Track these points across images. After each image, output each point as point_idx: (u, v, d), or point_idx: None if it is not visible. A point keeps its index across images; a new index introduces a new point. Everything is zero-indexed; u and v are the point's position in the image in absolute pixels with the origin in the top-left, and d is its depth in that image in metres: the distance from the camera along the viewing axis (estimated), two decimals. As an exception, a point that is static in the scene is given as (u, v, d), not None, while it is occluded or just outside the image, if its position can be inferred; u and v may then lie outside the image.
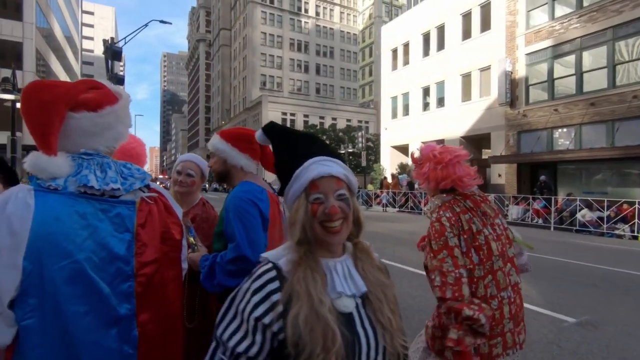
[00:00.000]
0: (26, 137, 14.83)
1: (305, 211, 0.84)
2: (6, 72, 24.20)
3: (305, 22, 55.48)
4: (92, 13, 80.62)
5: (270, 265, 0.83)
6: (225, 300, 0.85)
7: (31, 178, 0.94)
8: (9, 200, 0.88)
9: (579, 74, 14.41)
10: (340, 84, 58.12)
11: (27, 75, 25.18)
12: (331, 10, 58.26)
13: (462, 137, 19.50)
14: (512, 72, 16.52)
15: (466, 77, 19.47)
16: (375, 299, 0.84)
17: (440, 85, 21.03)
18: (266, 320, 0.76)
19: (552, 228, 12.14)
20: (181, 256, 1.14)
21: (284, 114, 46.84)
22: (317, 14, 56.73)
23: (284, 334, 0.74)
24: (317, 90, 55.85)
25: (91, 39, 79.15)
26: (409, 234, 10.20)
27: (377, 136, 34.84)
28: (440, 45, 21.06)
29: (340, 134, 37.26)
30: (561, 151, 14.61)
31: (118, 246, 0.97)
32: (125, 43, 16.40)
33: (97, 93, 1.02)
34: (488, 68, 18.11)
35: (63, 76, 36.16)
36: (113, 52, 12.21)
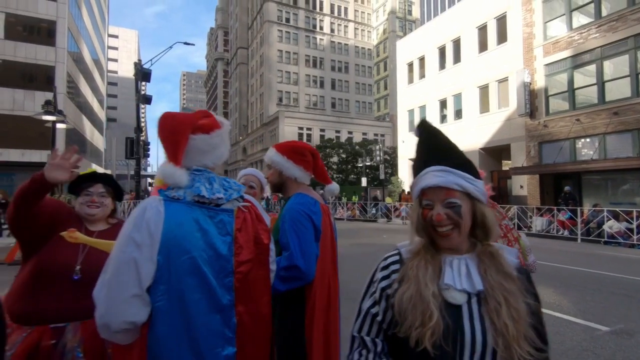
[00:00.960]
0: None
1: (418, 214, 0.97)
2: (39, 95, 25.73)
3: (320, 38, 56.69)
4: (116, 36, 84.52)
5: (396, 251, 1.04)
6: (275, 301, 1.04)
7: (160, 191, 1.18)
8: (146, 208, 1.12)
9: (601, 84, 14.29)
10: (356, 98, 58.71)
11: (59, 97, 26.58)
12: (345, 26, 59.41)
13: (481, 148, 19.41)
14: (530, 83, 16.50)
15: (484, 89, 19.50)
16: (493, 301, 0.86)
17: (458, 97, 21.10)
18: (389, 291, 0.96)
19: (579, 240, 11.88)
20: (269, 258, 1.32)
21: (301, 128, 47.56)
22: (332, 30, 57.92)
23: (387, 305, 0.94)
24: (333, 105, 56.54)
25: (115, 60, 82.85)
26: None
27: (394, 149, 34.88)
28: (457, 58, 21.22)
29: (357, 147, 37.45)
30: (585, 161, 14.38)
31: (222, 247, 1.18)
32: (152, 64, 17.22)
33: (209, 120, 1.27)
34: (506, 79, 18.13)
35: (90, 97, 37.93)
36: (143, 73, 12.90)
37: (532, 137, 16.57)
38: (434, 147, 1.02)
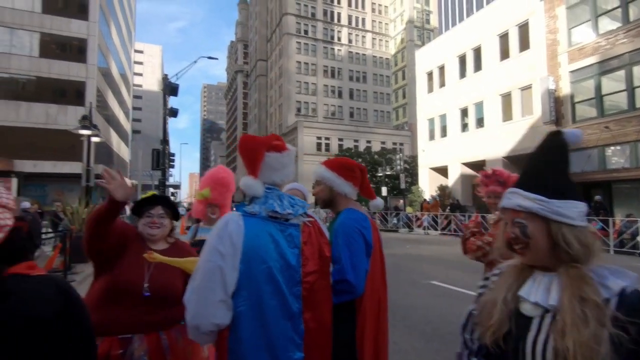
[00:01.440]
0: (100, 169, 16.34)
1: (501, 232, 1.01)
2: (71, 109, 26.98)
3: (338, 49, 57.30)
4: (141, 52, 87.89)
5: (505, 265, 1.05)
6: None
7: (238, 207, 1.30)
8: (228, 222, 1.24)
9: (631, 89, 13.86)
10: (374, 107, 58.77)
11: (88, 111, 27.79)
12: (363, 37, 59.87)
13: (504, 157, 19.04)
14: (555, 90, 16.16)
15: (506, 97, 19.21)
16: (561, 321, 0.85)
17: (479, 105, 20.85)
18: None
19: (611, 251, 11.42)
20: (330, 270, 1.42)
21: (319, 138, 47.87)
22: (350, 41, 58.48)
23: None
24: (351, 114, 56.75)
25: (140, 74, 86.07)
26: (459, 257, 10.03)
27: (413, 158, 34.60)
28: (477, 67, 21.03)
29: (376, 156, 37.37)
30: (616, 170, 13.90)
31: (291, 258, 1.28)
32: (177, 79, 17.82)
33: (280, 142, 1.42)
34: (529, 87, 17.82)
35: (117, 110, 39.45)
36: (170, 88, 13.41)
37: (559, 145, 16.14)
38: (529, 168, 1.03)
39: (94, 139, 10.72)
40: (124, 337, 1.60)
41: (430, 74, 24.91)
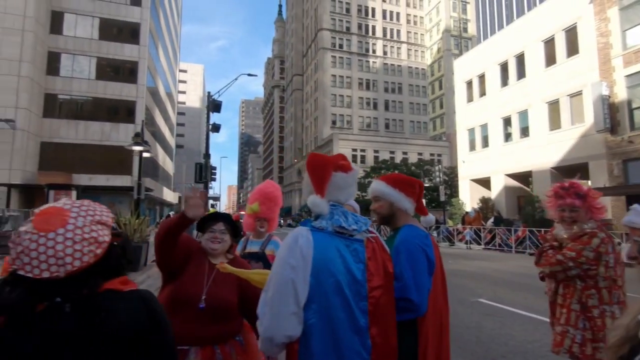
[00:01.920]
0: (147, 182, 17.46)
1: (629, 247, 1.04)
2: (123, 126, 29.01)
3: (373, 61, 57.46)
4: (185, 71, 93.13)
5: None
6: None
7: (304, 223, 1.34)
8: (298, 236, 1.28)
9: (698, 93, 12.70)
10: (410, 118, 58.01)
11: (137, 128, 29.76)
12: (398, 48, 59.68)
13: (552, 168, 17.99)
14: (610, 96, 15.14)
15: (553, 105, 18.25)
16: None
17: (523, 114, 19.95)
18: None
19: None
20: (393, 285, 1.42)
21: (354, 150, 47.86)
22: (385, 53, 58.49)
23: None
24: (387, 126, 56.34)
25: (183, 92, 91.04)
26: (506, 274, 9.52)
27: (452, 169, 33.57)
28: (521, 74, 20.22)
29: (413, 168, 36.65)
30: (684, 181, 12.68)
31: (357, 272, 1.29)
32: (220, 95, 18.63)
33: (346, 162, 1.45)
34: (579, 93, 16.83)
35: (162, 125, 41.85)
36: (214, 104, 14.08)
37: (615, 155, 15.03)
38: None
39: (146, 155, 11.43)
40: (182, 349, 1.63)
41: (469, 83, 24.26)
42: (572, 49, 17.33)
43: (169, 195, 46.74)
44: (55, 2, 28.28)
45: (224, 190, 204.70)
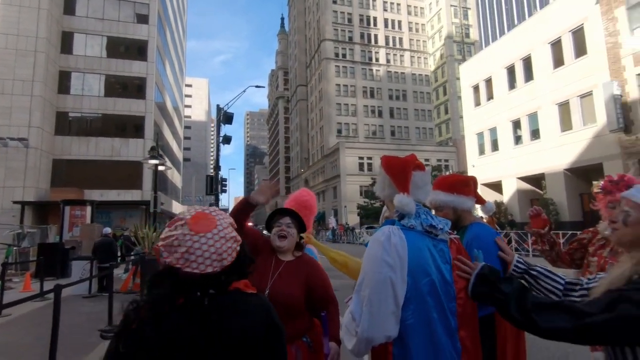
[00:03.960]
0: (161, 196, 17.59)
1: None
2: (132, 142, 29.38)
3: (376, 70, 57.84)
4: (190, 85, 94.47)
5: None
6: None
7: (388, 222, 1.32)
8: (390, 234, 1.24)
9: None
10: (415, 125, 58.03)
11: (147, 143, 30.11)
12: (401, 55, 60.07)
13: (566, 169, 17.80)
14: (622, 95, 15.03)
15: (564, 106, 18.15)
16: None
17: (533, 116, 19.85)
18: None
19: None
20: None
21: (361, 158, 47.86)
22: (388, 61, 58.88)
23: None
24: (392, 133, 56.39)
25: (189, 106, 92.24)
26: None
27: (461, 174, 33.35)
28: (528, 77, 20.18)
29: (421, 174, 36.52)
30: None
31: (446, 273, 1.27)
32: (228, 108, 18.82)
33: (420, 162, 1.42)
34: (589, 94, 16.73)
35: (170, 139, 42.32)
36: (226, 117, 14.23)
37: (631, 154, 14.84)
38: None
39: (161, 168, 11.54)
40: None
41: (476, 88, 24.26)
42: (580, 49, 17.29)
43: (178, 208, 47.00)
44: (66, 23, 29.00)
45: (230, 202, 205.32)
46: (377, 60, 58.30)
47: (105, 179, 28.00)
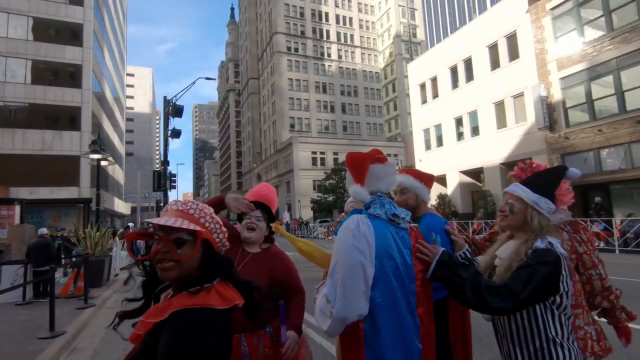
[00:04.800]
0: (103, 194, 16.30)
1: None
2: (67, 134, 26.94)
3: (328, 65, 58.33)
4: (132, 75, 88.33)
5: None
6: None
7: (355, 211, 1.42)
8: (358, 222, 1.35)
9: (620, 94, 14.37)
10: (366, 120, 59.55)
11: (84, 136, 27.80)
12: (352, 52, 61.13)
13: (501, 164, 19.41)
14: (547, 97, 16.68)
15: (499, 105, 19.73)
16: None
17: (473, 114, 21.35)
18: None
19: (617, 251, 11.65)
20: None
21: (314, 153, 48.22)
22: (340, 56, 59.64)
23: None
24: (344, 128, 57.38)
25: (131, 97, 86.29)
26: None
27: (409, 168, 34.94)
28: (469, 77, 21.63)
29: (372, 168, 37.65)
30: (612, 171, 14.28)
31: (407, 257, 1.40)
32: (177, 100, 17.99)
33: (382, 155, 1.54)
34: (521, 94, 18.35)
35: (111, 132, 39.41)
36: (175, 109, 13.56)
37: (554, 150, 16.57)
38: (534, 175, 1.68)
39: (103, 163, 10.76)
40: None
41: (423, 86, 25.50)
42: (514, 53, 18.87)
43: (121, 206, 44.04)
44: (-17, -1, 25.72)
45: (178, 198, 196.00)
46: (329, 55, 58.81)
47: (35, 176, 25.44)
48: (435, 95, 24.27)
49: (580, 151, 15.62)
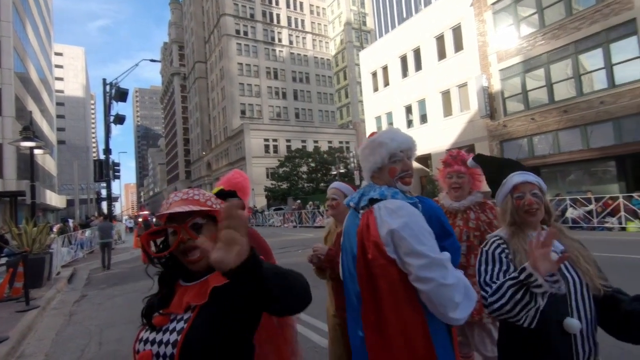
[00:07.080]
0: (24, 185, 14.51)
1: (512, 205, 1.45)
2: (-15, 119, 23.77)
3: (279, 50, 57.21)
4: (61, 54, 79.87)
5: (498, 236, 1.46)
6: None
7: (398, 194, 1.45)
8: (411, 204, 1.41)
9: (549, 85, 15.84)
10: (318, 108, 59.63)
11: (6, 121, 24.79)
12: (303, 38, 60.45)
13: (447, 150, 20.51)
14: (488, 87, 17.89)
15: (445, 94, 20.81)
16: (573, 255, 1.34)
17: (422, 103, 22.31)
18: (503, 255, 1.38)
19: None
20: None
21: (266, 140, 47.50)
22: (291, 42, 58.70)
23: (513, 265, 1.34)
24: (297, 115, 57.03)
25: (61, 79, 78.16)
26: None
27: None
28: (418, 66, 22.48)
29: (325, 156, 38.06)
30: (543, 156, 15.81)
31: (354, 242, 1.46)
32: (118, 82, 16.68)
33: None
34: (465, 84, 19.49)
35: (39, 118, 35.52)
36: (120, 93, 12.51)
37: (494, 137, 17.92)
38: (507, 162, 1.75)
39: (38, 151, 9.69)
40: None
41: (374, 74, 26.05)
42: (458, 45, 19.91)
43: (54, 199, 40.23)
44: None
45: (121, 189, 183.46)
46: (279, 40, 57.62)
47: (-52, 167, 22.33)
48: (387, 83, 24.94)
49: (516, 138, 17.06)
